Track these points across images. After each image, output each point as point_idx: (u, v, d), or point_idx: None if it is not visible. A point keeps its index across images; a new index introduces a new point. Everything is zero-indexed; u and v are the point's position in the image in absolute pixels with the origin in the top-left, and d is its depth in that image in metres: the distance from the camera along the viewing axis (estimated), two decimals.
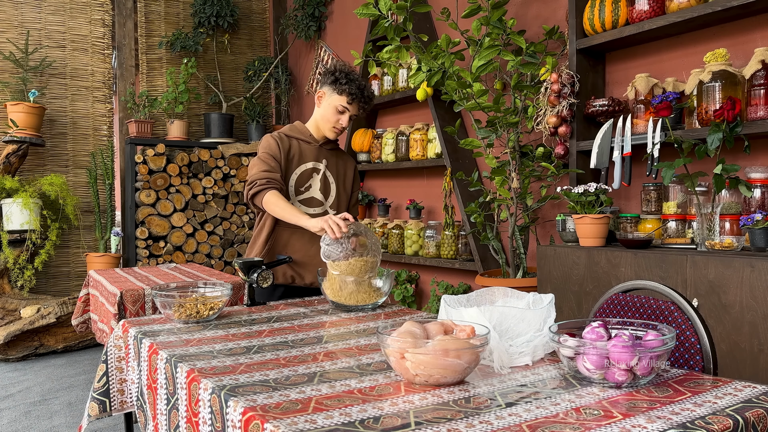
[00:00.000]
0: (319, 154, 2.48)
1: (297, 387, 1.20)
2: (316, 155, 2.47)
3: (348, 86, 2.39)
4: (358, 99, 2.41)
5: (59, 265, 5.08)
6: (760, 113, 2.23)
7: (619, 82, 2.93)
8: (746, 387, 1.18)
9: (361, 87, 2.41)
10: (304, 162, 2.44)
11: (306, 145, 2.47)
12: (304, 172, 2.43)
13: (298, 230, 2.38)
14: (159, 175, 4.99)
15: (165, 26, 5.44)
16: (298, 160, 2.44)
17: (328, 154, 2.51)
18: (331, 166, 2.50)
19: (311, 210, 2.43)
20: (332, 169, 2.50)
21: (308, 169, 2.44)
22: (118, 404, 1.78)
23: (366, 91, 2.43)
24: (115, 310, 2.76)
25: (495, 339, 1.31)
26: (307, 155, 2.45)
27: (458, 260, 3.59)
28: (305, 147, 2.46)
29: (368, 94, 2.44)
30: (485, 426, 0.99)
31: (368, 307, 2.02)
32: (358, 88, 2.40)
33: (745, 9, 2.33)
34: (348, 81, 2.40)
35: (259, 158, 2.38)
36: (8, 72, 4.89)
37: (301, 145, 2.46)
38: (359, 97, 2.41)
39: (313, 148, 2.47)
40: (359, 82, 2.41)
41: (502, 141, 3.09)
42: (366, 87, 2.44)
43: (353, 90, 2.38)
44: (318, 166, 2.47)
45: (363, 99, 2.43)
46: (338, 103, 2.40)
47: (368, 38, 4.25)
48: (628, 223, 2.63)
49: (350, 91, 2.38)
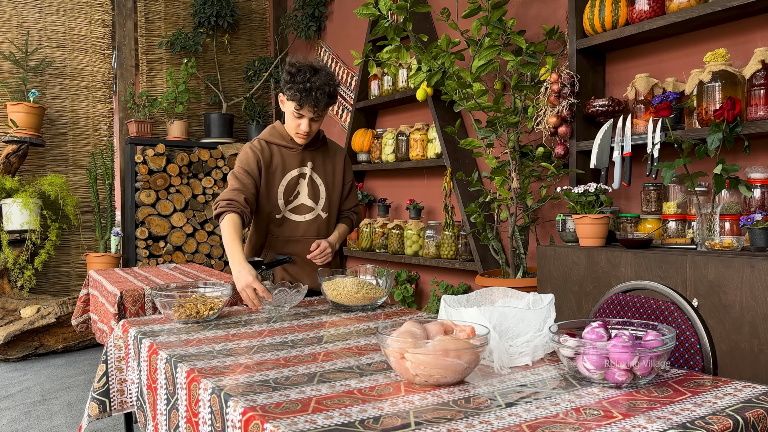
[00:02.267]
0: (303, 158, 2.34)
1: (297, 387, 1.20)
2: (300, 160, 2.33)
3: (292, 89, 2.16)
4: (307, 101, 2.16)
5: (59, 265, 5.08)
6: (760, 113, 2.23)
7: (619, 82, 2.93)
8: (746, 387, 1.18)
9: (308, 88, 2.14)
10: (289, 170, 2.31)
11: (288, 150, 2.33)
12: (291, 181, 2.32)
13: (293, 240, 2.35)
14: (159, 175, 4.99)
15: (165, 26, 5.44)
16: (282, 170, 2.31)
17: (314, 155, 2.37)
18: (318, 167, 2.37)
19: (302, 217, 2.34)
20: (319, 170, 2.37)
21: (294, 177, 2.32)
22: (118, 404, 1.78)
23: (316, 90, 2.15)
24: (115, 310, 2.76)
25: (495, 339, 1.31)
26: (290, 162, 2.32)
27: (458, 260, 3.59)
28: (287, 153, 2.32)
29: (319, 93, 2.15)
30: (485, 426, 0.99)
31: (368, 307, 2.02)
32: (305, 89, 2.14)
33: (745, 9, 2.33)
34: (293, 83, 2.16)
35: (233, 173, 2.26)
36: (8, 72, 4.89)
37: (283, 152, 2.32)
38: (308, 98, 2.15)
39: (296, 153, 2.33)
40: (307, 81, 2.14)
41: (502, 141, 3.09)
42: (317, 83, 2.15)
43: (297, 92, 2.15)
44: (304, 171, 2.34)
45: (314, 100, 2.16)
46: (291, 108, 2.21)
47: (368, 38, 4.25)
48: (628, 223, 2.63)
49: (293, 95, 2.16)
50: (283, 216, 2.33)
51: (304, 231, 2.35)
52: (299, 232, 2.35)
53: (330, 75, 2.21)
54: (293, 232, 2.34)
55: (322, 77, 2.17)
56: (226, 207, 2.17)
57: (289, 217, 2.34)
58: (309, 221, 2.35)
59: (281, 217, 2.33)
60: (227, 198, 2.19)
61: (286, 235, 2.34)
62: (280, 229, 2.34)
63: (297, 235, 2.34)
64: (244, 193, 2.21)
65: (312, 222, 2.36)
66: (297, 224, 2.34)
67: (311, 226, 2.35)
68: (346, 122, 4.92)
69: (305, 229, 2.35)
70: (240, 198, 2.19)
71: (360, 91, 4.44)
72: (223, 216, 2.17)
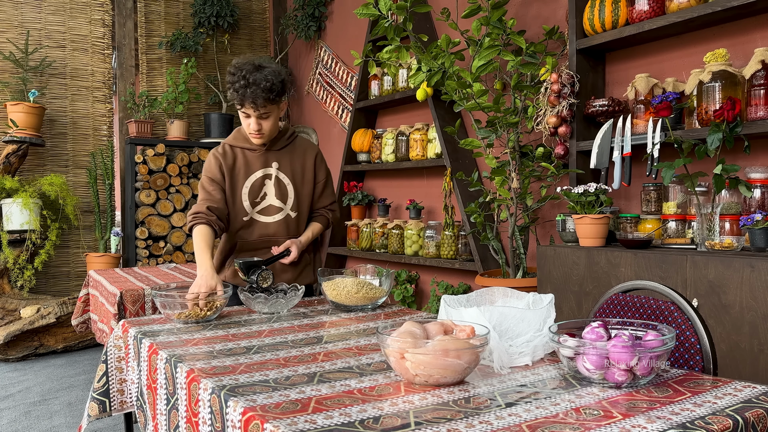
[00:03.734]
0: (267, 159, 2.31)
1: (297, 387, 1.20)
2: (265, 160, 2.31)
3: (231, 89, 2.13)
4: (245, 99, 2.11)
5: (59, 265, 5.08)
6: (760, 113, 2.23)
7: (619, 82, 2.93)
8: (746, 387, 1.18)
9: (244, 85, 2.09)
10: (253, 172, 2.29)
11: (252, 152, 2.30)
12: (255, 182, 2.29)
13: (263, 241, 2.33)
14: (159, 175, 4.99)
15: (165, 26, 5.44)
16: (245, 172, 2.28)
17: (279, 155, 2.33)
18: (284, 166, 2.33)
19: (270, 218, 2.32)
20: (285, 169, 2.33)
21: (259, 178, 2.29)
22: (118, 404, 1.78)
23: (252, 86, 2.09)
24: (115, 310, 2.76)
25: (495, 339, 1.31)
26: (254, 164, 2.29)
27: (458, 260, 3.59)
28: (251, 155, 2.30)
29: (256, 89, 2.09)
30: (485, 426, 0.99)
31: (368, 307, 2.02)
32: (241, 87, 2.10)
33: (745, 9, 2.33)
34: (231, 83, 2.13)
35: (200, 184, 2.28)
36: (8, 72, 4.89)
37: (246, 154, 2.30)
38: (245, 96, 2.10)
39: (259, 154, 2.30)
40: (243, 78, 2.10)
41: (502, 141, 3.09)
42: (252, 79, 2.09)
43: (234, 91, 2.12)
44: (269, 172, 2.31)
45: (251, 96, 2.10)
46: (238, 108, 2.19)
47: (368, 38, 4.25)
48: (628, 223, 2.63)
49: (232, 95, 2.14)
50: (250, 218, 2.31)
51: (275, 232, 2.33)
52: (269, 234, 2.33)
53: (273, 71, 2.15)
54: (263, 234, 2.32)
55: (261, 74, 2.11)
56: (193, 220, 2.19)
57: (257, 218, 2.32)
58: (278, 222, 2.33)
59: (249, 219, 2.31)
60: (194, 212, 2.21)
61: (255, 237, 2.32)
62: (249, 232, 2.32)
63: (267, 237, 2.32)
64: (210, 202, 2.22)
65: (281, 222, 2.34)
66: (266, 225, 2.32)
67: (281, 226, 2.33)
68: (346, 122, 4.92)
69: (275, 230, 2.33)
70: (203, 208, 2.20)
71: (360, 91, 4.44)
72: (194, 227, 2.19)
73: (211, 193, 2.25)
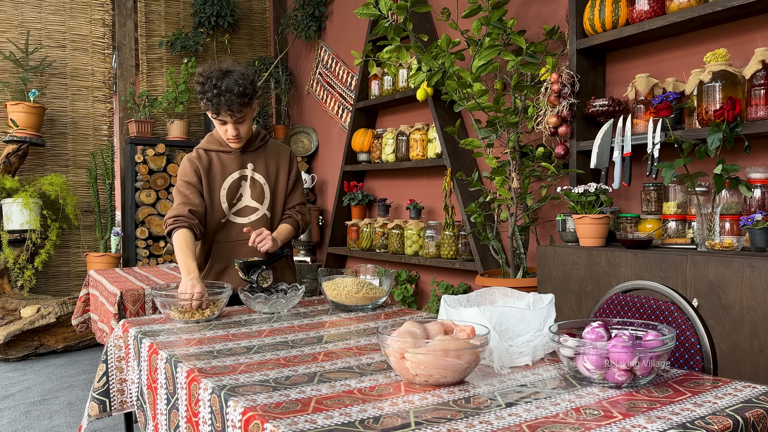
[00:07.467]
0: (243, 160, 2.33)
1: (297, 387, 1.20)
2: (240, 162, 2.32)
3: (203, 99, 2.14)
4: (220, 107, 2.13)
5: (59, 265, 5.08)
6: (760, 113, 2.23)
7: (619, 82, 2.93)
8: (746, 387, 1.18)
9: (216, 93, 2.11)
10: (229, 173, 2.30)
11: (227, 155, 2.32)
12: (232, 184, 2.30)
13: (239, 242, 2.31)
14: (159, 175, 4.99)
15: (165, 26, 5.44)
16: (221, 174, 2.29)
17: (254, 156, 2.35)
18: (260, 167, 2.35)
19: (246, 219, 2.32)
20: (261, 170, 2.35)
21: (235, 180, 2.31)
22: (118, 404, 1.78)
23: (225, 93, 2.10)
24: (115, 310, 2.76)
25: (495, 339, 1.31)
26: (229, 166, 2.30)
27: (458, 260, 3.59)
28: (226, 158, 2.31)
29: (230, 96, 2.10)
30: (485, 426, 0.99)
31: (368, 307, 2.02)
32: (214, 96, 2.11)
33: (745, 9, 2.33)
34: (203, 93, 2.14)
35: (176, 188, 2.27)
36: (8, 72, 4.88)
37: (221, 157, 2.31)
38: (220, 104, 2.12)
39: (235, 156, 2.31)
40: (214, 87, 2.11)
41: (502, 141, 3.09)
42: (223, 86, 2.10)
43: (208, 101, 2.13)
44: (245, 173, 2.32)
45: (227, 103, 2.12)
46: (213, 117, 2.21)
47: (368, 38, 4.25)
48: (628, 223, 2.63)
49: (206, 105, 2.15)
50: (227, 220, 2.31)
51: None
52: (246, 235, 2.31)
53: (242, 75, 2.16)
54: (239, 235, 2.31)
55: (231, 79, 2.13)
56: (172, 224, 2.17)
57: (234, 220, 2.32)
58: (255, 221, 2.33)
59: (225, 221, 2.31)
60: (175, 215, 2.19)
61: (232, 239, 2.31)
62: (225, 234, 2.32)
63: (244, 238, 2.30)
64: (188, 205, 2.21)
65: (258, 222, 2.33)
66: (242, 227, 2.32)
67: (257, 226, 2.32)
68: (346, 122, 4.92)
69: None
70: (184, 211, 2.19)
71: (360, 91, 4.44)
72: (172, 234, 2.17)
73: (189, 197, 2.23)
